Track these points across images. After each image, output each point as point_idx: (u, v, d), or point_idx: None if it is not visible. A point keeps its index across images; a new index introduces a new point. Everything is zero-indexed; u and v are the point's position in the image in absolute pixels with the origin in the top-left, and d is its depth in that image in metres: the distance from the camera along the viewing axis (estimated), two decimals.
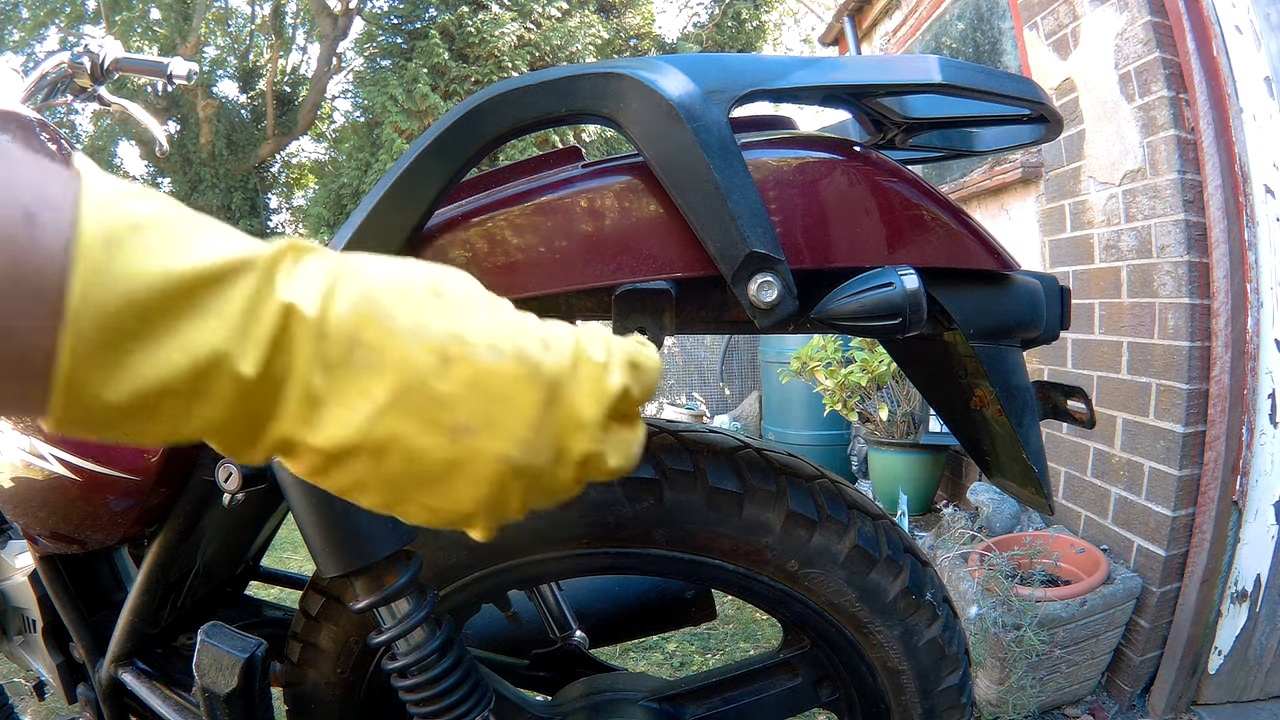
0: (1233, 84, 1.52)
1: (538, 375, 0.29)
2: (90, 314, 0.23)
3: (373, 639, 0.51)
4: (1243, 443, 1.54)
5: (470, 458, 0.29)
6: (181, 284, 0.24)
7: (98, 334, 0.23)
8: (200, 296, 0.25)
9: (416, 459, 0.28)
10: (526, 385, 0.29)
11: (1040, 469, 0.53)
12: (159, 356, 0.24)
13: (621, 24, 9.34)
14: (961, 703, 0.65)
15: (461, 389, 0.28)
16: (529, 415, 0.29)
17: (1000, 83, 0.47)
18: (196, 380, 0.25)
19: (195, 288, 0.25)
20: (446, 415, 0.28)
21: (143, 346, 0.24)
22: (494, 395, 0.29)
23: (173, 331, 0.24)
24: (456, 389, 0.28)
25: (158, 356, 0.24)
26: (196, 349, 0.24)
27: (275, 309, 0.26)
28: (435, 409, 0.28)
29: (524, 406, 0.29)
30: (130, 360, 0.24)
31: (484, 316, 0.30)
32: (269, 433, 0.27)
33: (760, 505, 0.57)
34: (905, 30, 3.13)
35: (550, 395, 0.30)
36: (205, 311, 0.25)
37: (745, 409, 4.84)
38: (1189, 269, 1.56)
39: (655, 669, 1.89)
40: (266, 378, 0.26)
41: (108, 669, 0.73)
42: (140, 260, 0.24)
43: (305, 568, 2.48)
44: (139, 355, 0.24)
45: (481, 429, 0.29)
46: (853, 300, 0.44)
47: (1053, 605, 1.57)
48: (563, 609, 0.83)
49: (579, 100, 0.44)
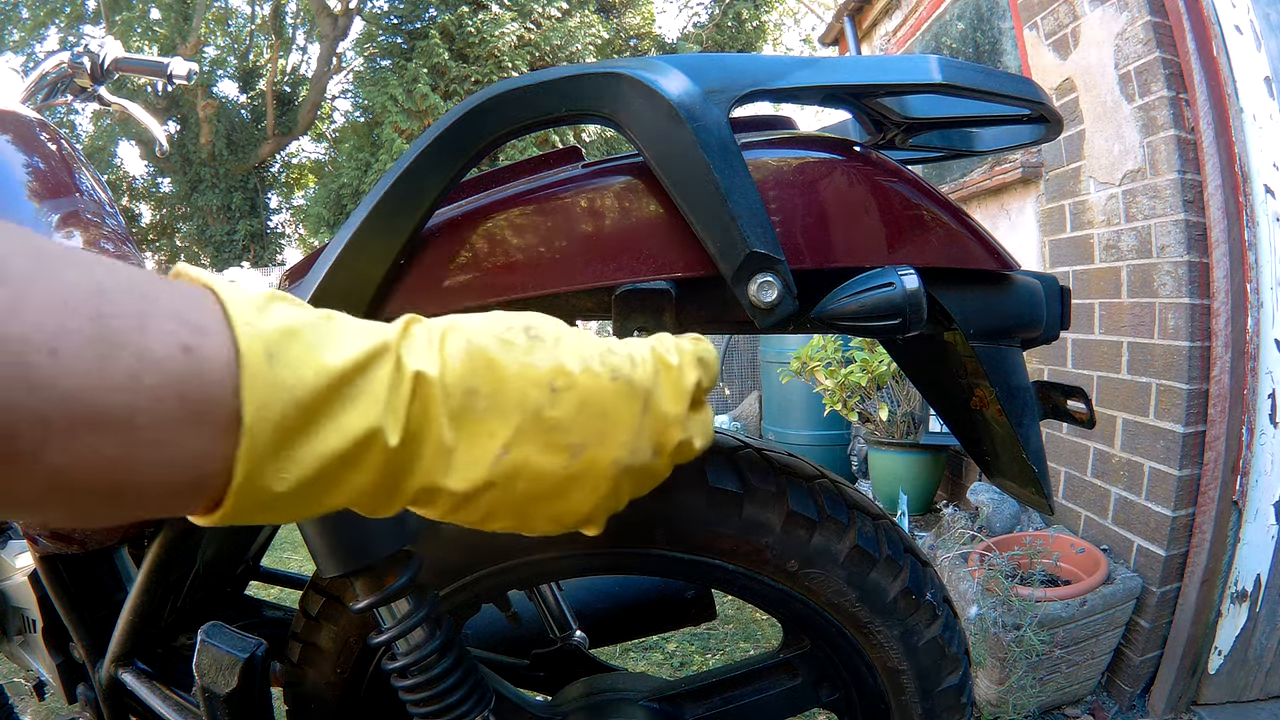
0: (1233, 84, 1.52)
1: (632, 388, 0.34)
2: (263, 424, 0.25)
3: (373, 639, 0.51)
4: (1243, 443, 1.54)
5: (588, 469, 0.33)
6: (337, 377, 0.27)
7: (270, 438, 0.25)
8: (352, 384, 0.28)
9: (541, 480, 0.32)
10: (625, 399, 0.34)
11: (1040, 469, 0.53)
12: (321, 444, 0.27)
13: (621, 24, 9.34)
14: (961, 703, 0.65)
15: (572, 412, 0.32)
16: (631, 423, 0.34)
17: (1000, 83, 0.47)
18: (352, 457, 0.28)
19: (348, 377, 0.27)
20: (562, 437, 0.32)
21: (307, 439, 0.26)
22: (599, 412, 0.33)
23: (331, 419, 0.27)
24: (568, 413, 0.32)
25: (320, 444, 0.27)
26: (354, 430, 0.27)
27: (409, 379, 0.29)
28: (552, 434, 0.32)
29: (625, 416, 0.34)
30: (297, 453, 0.26)
31: (575, 347, 0.34)
32: (408, 487, 0.30)
33: (760, 505, 0.57)
34: (905, 30, 3.13)
35: (644, 403, 0.34)
36: (357, 396, 0.28)
37: (745, 409, 4.84)
38: (1189, 269, 1.56)
39: (655, 669, 1.89)
40: (408, 440, 0.29)
41: (108, 669, 0.73)
42: (299, 365, 0.26)
43: (305, 568, 2.48)
44: (304, 447, 0.26)
45: (594, 443, 0.33)
46: (853, 300, 0.44)
47: (1053, 605, 1.57)
48: (563, 609, 0.83)
49: (579, 100, 0.44)
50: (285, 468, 0.26)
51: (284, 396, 0.25)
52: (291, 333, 0.26)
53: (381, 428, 0.28)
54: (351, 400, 0.27)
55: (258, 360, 0.25)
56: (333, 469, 0.27)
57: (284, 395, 0.25)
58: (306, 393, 0.26)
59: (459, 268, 0.47)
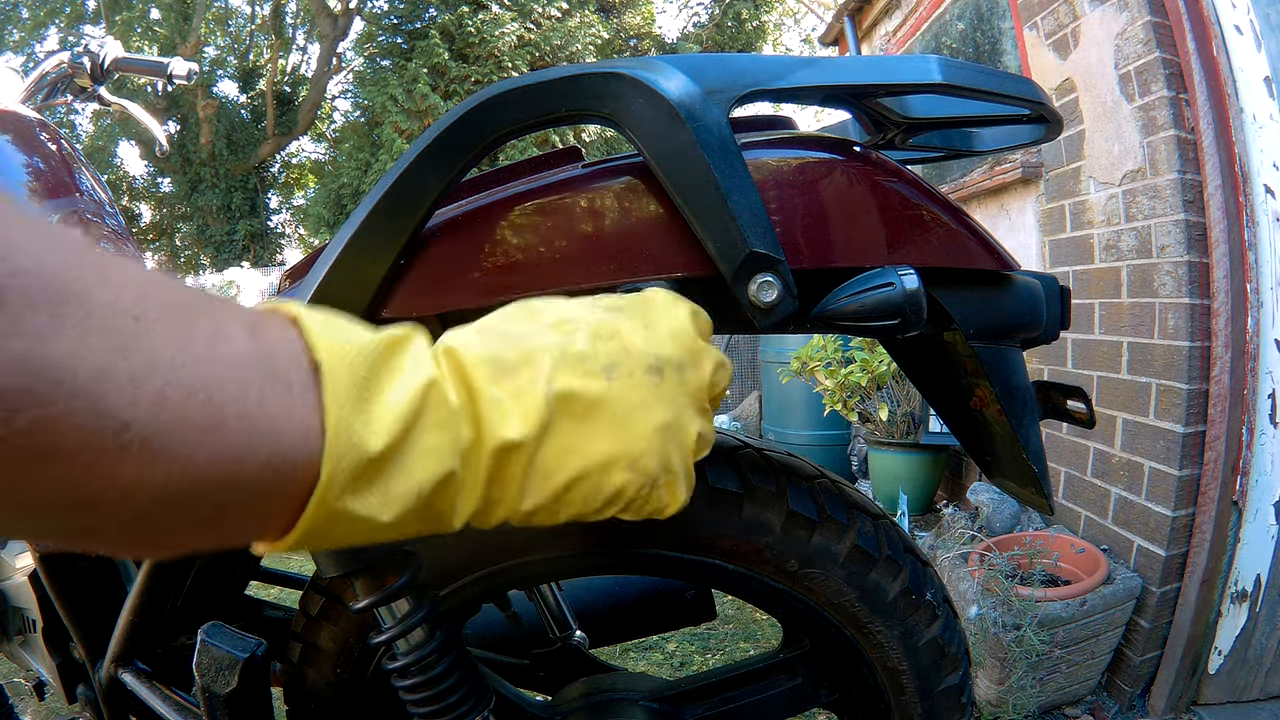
0: (1233, 84, 1.52)
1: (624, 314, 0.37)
2: (339, 372, 0.27)
3: (373, 639, 0.51)
4: (1243, 443, 1.54)
5: (628, 381, 0.35)
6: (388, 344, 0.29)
7: (348, 380, 0.27)
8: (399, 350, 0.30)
9: (596, 406, 0.34)
10: (624, 319, 0.37)
11: (1040, 469, 0.53)
12: (393, 398, 0.28)
13: (621, 24, 9.34)
14: (961, 703, 0.65)
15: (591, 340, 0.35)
16: (638, 334, 0.36)
17: (1000, 83, 0.47)
18: (422, 409, 0.29)
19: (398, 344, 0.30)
20: (593, 363, 0.34)
21: (380, 389, 0.28)
22: (612, 333, 0.35)
23: (396, 377, 0.29)
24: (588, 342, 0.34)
25: (392, 398, 0.28)
26: (417, 383, 0.29)
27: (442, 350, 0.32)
28: (584, 363, 0.34)
29: (629, 331, 0.36)
30: (376, 407, 0.27)
31: (565, 302, 0.37)
32: (480, 455, 0.31)
33: (760, 505, 0.57)
34: (905, 30, 3.13)
35: (643, 319, 0.37)
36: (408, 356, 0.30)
37: (745, 409, 4.84)
38: (1189, 269, 1.56)
39: (655, 669, 1.89)
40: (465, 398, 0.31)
41: (108, 669, 0.72)
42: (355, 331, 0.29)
43: (305, 568, 2.48)
44: (378, 401, 0.28)
45: (621, 358, 0.35)
46: (853, 300, 0.44)
47: (1053, 605, 1.57)
48: (563, 609, 0.83)
49: (579, 100, 0.44)
50: (370, 421, 0.27)
51: (350, 351, 0.27)
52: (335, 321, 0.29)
53: (439, 380, 0.30)
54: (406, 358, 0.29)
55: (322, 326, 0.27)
56: (411, 422, 0.28)
57: (351, 350, 0.27)
58: (373, 345, 0.28)
59: (459, 268, 0.47)
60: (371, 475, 0.27)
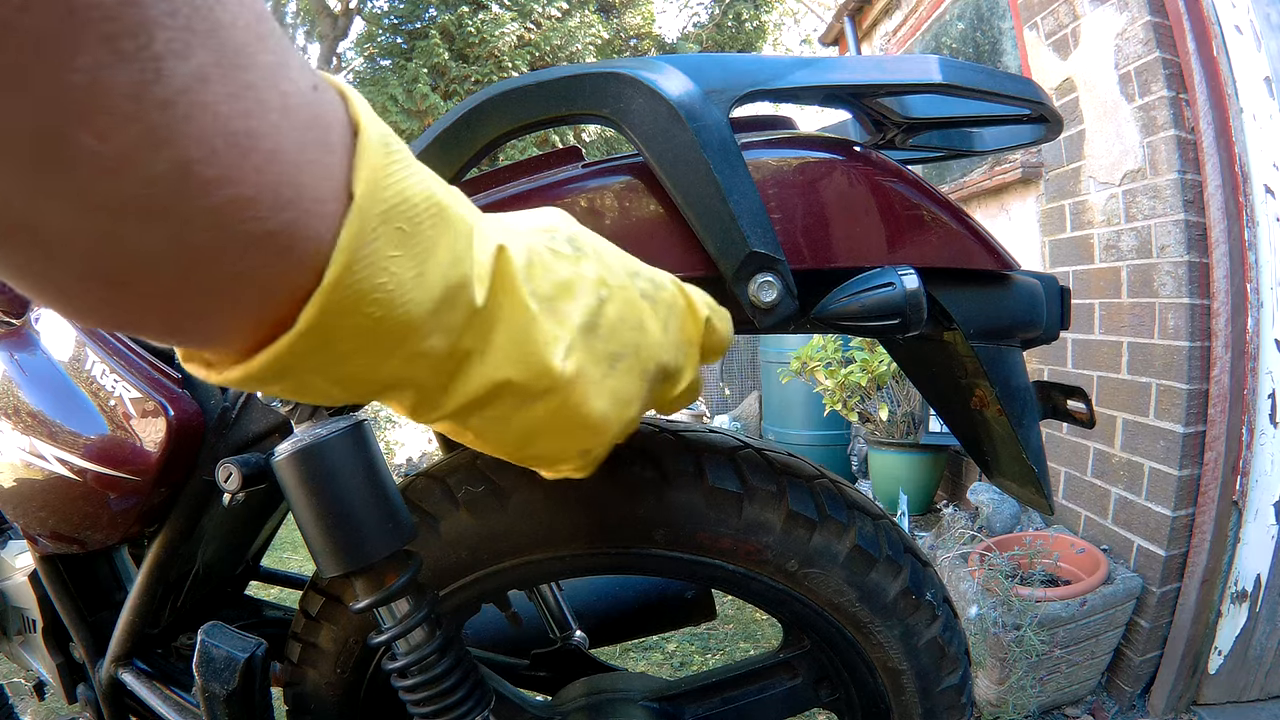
0: (1233, 84, 1.52)
1: (654, 309, 0.36)
2: (372, 198, 0.24)
3: (373, 639, 0.51)
4: (1243, 443, 1.54)
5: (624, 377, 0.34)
6: (439, 202, 0.26)
7: (377, 215, 0.24)
8: (444, 214, 0.27)
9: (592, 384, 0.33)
10: (651, 317, 0.35)
11: (1040, 469, 0.53)
12: (435, 259, 0.26)
13: (621, 24, 9.34)
14: (961, 703, 0.65)
15: (614, 321, 0.33)
16: (659, 339, 0.36)
17: (1000, 83, 0.47)
18: (448, 299, 0.27)
19: (445, 203, 0.27)
20: (603, 345, 0.33)
21: (416, 244, 0.25)
22: (636, 324, 0.35)
23: (435, 239, 0.26)
24: (610, 322, 0.33)
25: (434, 259, 0.26)
26: (452, 274, 0.26)
27: (492, 248, 0.29)
28: (599, 342, 0.33)
29: (654, 332, 0.35)
30: (405, 256, 0.25)
31: (612, 262, 0.35)
32: (475, 376, 0.29)
33: (760, 505, 0.57)
34: (905, 30, 3.13)
35: (665, 324, 0.36)
36: (456, 252, 0.27)
37: (745, 409, 4.84)
38: (1189, 269, 1.56)
39: (655, 669, 1.89)
40: (492, 307, 0.29)
41: (108, 669, 0.73)
42: (413, 167, 0.26)
43: (305, 568, 2.48)
44: (411, 250, 0.25)
45: (630, 354, 0.34)
46: (853, 300, 0.44)
47: (1053, 605, 1.57)
48: (563, 609, 0.83)
49: (579, 100, 0.44)
50: (387, 266, 0.24)
51: (391, 193, 0.25)
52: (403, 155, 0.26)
53: (470, 280, 0.27)
54: (450, 250, 0.27)
55: (376, 144, 0.25)
56: (439, 312, 0.26)
57: (391, 192, 0.25)
58: (420, 194, 0.25)
59: None
60: (398, 241, 0.25)
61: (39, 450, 0.67)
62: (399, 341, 0.26)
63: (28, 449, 0.67)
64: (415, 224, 0.25)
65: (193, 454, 0.63)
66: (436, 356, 0.28)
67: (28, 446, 0.67)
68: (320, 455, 0.46)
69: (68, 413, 0.67)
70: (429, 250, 0.26)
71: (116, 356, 0.65)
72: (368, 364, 0.26)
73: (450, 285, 0.26)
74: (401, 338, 0.26)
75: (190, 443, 0.62)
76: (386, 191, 0.24)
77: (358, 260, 0.24)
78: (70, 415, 0.66)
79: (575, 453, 0.35)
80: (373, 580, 0.49)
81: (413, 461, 4.55)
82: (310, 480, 0.46)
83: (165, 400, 0.62)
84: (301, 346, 0.24)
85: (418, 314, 0.26)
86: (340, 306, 0.24)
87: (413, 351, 0.27)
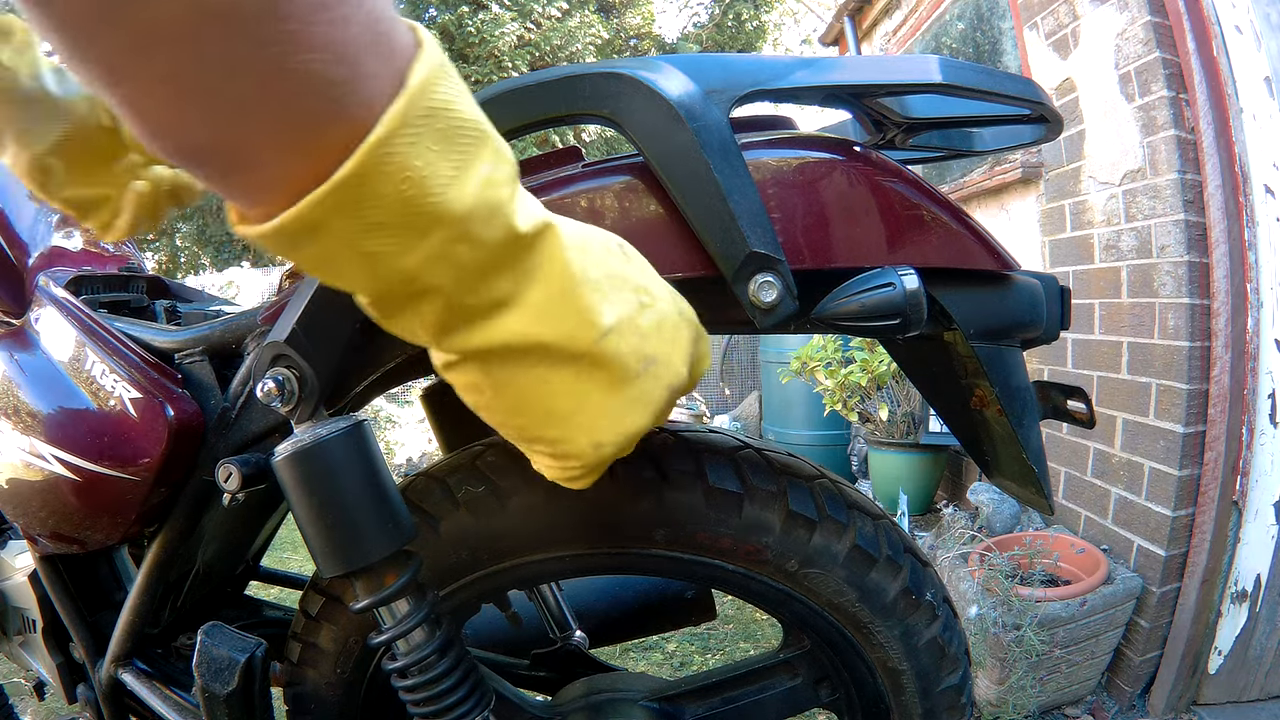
0: (1233, 84, 1.52)
1: (692, 322, 0.38)
2: (422, 92, 0.26)
3: (373, 639, 0.51)
4: (1243, 443, 1.54)
5: (653, 382, 0.35)
6: (486, 130, 0.29)
7: (423, 110, 0.26)
8: (498, 155, 0.30)
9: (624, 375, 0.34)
10: (683, 332, 0.37)
11: (1040, 469, 0.53)
12: (468, 171, 0.28)
13: (621, 24, 9.33)
14: (961, 703, 0.65)
15: (654, 327, 0.35)
16: (686, 352, 0.37)
17: (1000, 83, 0.47)
18: (481, 212, 0.29)
19: (489, 139, 0.29)
20: (641, 345, 0.35)
21: (458, 148, 0.28)
22: (671, 337, 0.36)
23: (483, 154, 0.29)
24: (651, 326, 0.35)
25: (468, 171, 0.28)
26: (491, 193, 0.29)
27: (540, 218, 0.32)
28: (639, 339, 0.34)
29: (684, 346, 0.37)
30: (443, 152, 0.27)
31: (653, 274, 0.38)
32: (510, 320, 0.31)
33: (760, 505, 0.57)
34: (905, 30, 3.13)
35: (693, 341, 0.38)
36: (495, 177, 0.29)
37: (745, 409, 4.84)
38: (1189, 269, 1.56)
39: (655, 669, 1.89)
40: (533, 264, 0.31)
41: (108, 669, 0.72)
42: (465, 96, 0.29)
43: (305, 568, 2.48)
44: (451, 155, 0.28)
45: (662, 361, 0.36)
46: (853, 300, 0.44)
47: (1053, 605, 1.57)
48: (563, 609, 0.83)
49: (579, 100, 0.44)
50: (426, 154, 0.27)
51: (440, 99, 0.27)
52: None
53: (510, 206, 0.30)
54: (494, 170, 0.29)
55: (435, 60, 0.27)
56: (467, 217, 0.28)
57: (441, 98, 0.27)
58: (467, 112, 0.28)
59: None
60: (440, 139, 0.27)
61: (39, 450, 0.67)
62: (427, 228, 0.28)
63: (28, 449, 0.67)
64: (458, 132, 0.28)
65: (193, 454, 0.63)
66: (464, 267, 0.30)
67: (28, 446, 0.67)
68: (320, 455, 0.46)
69: (68, 413, 0.67)
70: (467, 160, 0.28)
71: (116, 356, 0.65)
72: (395, 244, 0.28)
73: (484, 201, 0.29)
74: (429, 225, 0.28)
75: (190, 443, 0.62)
76: (436, 95, 0.27)
77: (399, 136, 0.26)
78: (70, 415, 0.66)
79: (587, 444, 0.35)
80: (372, 580, 0.49)
81: (413, 461, 4.55)
82: (310, 480, 0.46)
83: (165, 400, 0.62)
84: (334, 200, 0.26)
85: (448, 210, 0.28)
86: (377, 169, 0.26)
87: (440, 248, 0.29)
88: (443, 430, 0.86)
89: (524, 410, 0.34)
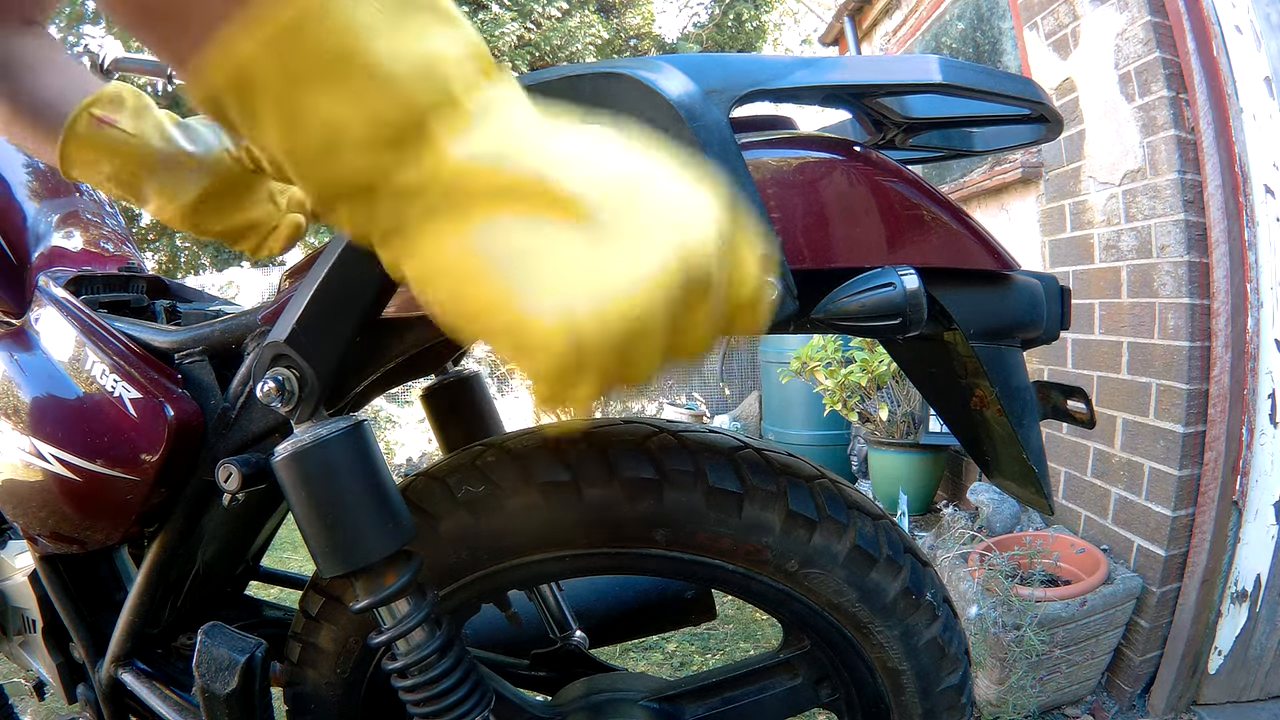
0: (1233, 84, 1.52)
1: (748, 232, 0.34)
2: None
3: (372, 639, 0.51)
4: (1243, 443, 1.54)
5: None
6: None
7: None
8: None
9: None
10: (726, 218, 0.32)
11: (1040, 469, 0.53)
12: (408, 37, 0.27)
13: (621, 24, 9.32)
14: (961, 703, 0.65)
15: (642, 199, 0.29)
16: (722, 228, 0.32)
17: (1000, 83, 0.47)
18: (421, 72, 0.27)
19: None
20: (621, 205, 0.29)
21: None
22: (682, 207, 0.30)
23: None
24: (645, 187, 0.30)
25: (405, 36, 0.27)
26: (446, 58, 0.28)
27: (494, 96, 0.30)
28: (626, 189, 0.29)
29: (716, 220, 0.31)
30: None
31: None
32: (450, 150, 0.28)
33: (760, 505, 0.57)
34: (905, 30, 3.13)
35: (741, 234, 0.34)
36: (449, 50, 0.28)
37: (745, 409, 4.84)
38: (1189, 269, 1.56)
39: (655, 669, 1.89)
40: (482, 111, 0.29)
41: (108, 669, 0.73)
42: None
43: (305, 568, 2.48)
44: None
45: (668, 215, 0.29)
46: (853, 300, 0.44)
47: (1053, 605, 1.57)
48: (563, 609, 0.83)
49: (579, 100, 0.44)
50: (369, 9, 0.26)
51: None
52: None
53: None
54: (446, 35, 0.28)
55: None
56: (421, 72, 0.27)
57: None
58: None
59: None
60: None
61: (39, 450, 0.67)
62: (362, 86, 0.26)
63: (28, 449, 0.67)
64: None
65: (193, 454, 0.63)
66: (395, 123, 0.27)
67: (28, 446, 0.67)
68: (320, 455, 0.46)
69: (68, 413, 0.67)
70: (420, 29, 0.27)
71: (117, 357, 0.65)
72: (324, 98, 0.26)
73: (422, 65, 0.27)
74: (359, 75, 0.26)
75: (190, 443, 0.62)
76: None
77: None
78: (70, 415, 0.66)
79: (554, 310, 0.26)
80: (373, 580, 0.49)
81: (413, 461, 4.55)
82: (310, 480, 0.46)
83: (165, 400, 0.62)
84: (263, 34, 0.25)
85: (381, 68, 0.26)
86: (319, 13, 0.25)
87: (368, 99, 0.26)
88: (443, 430, 0.86)
89: (481, 278, 0.27)
